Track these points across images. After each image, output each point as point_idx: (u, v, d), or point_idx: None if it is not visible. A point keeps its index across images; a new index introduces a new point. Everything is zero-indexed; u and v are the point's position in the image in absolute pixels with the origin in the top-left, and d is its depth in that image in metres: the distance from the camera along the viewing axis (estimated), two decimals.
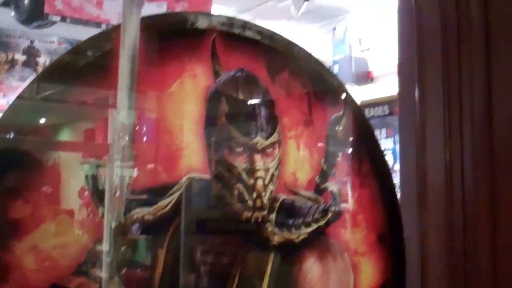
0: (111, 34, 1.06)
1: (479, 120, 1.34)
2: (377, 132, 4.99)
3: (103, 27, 4.15)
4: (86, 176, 1.03)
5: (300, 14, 5.38)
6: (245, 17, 5.58)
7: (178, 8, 4.50)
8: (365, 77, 5.52)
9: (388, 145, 4.86)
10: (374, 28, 5.45)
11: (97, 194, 1.02)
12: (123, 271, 0.98)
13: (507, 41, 1.33)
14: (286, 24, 5.91)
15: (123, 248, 0.98)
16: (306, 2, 5.17)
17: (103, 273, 0.96)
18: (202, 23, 1.15)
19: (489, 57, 1.34)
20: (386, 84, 4.75)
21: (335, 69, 5.71)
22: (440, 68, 1.40)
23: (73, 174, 1.03)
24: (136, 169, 1.06)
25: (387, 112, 4.99)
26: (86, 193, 1.02)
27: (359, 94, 4.86)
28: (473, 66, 1.36)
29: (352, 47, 5.81)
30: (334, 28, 6.06)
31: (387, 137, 5.04)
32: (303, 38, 6.01)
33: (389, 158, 4.42)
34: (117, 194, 1.01)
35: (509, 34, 1.33)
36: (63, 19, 4.19)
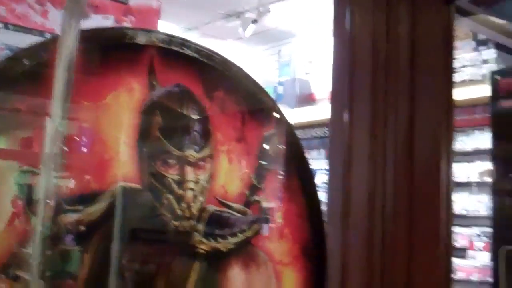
0: (49, 45, 1.08)
1: (402, 147, 1.43)
2: (316, 152, 5.12)
3: (47, 36, 4.07)
4: (20, 185, 1.05)
5: (248, 35, 5.49)
6: (193, 35, 5.62)
7: (126, 21, 4.49)
8: (308, 99, 5.68)
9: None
10: (318, 52, 5.63)
11: (30, 202, 1.04)
12: (48, 275, 0.99)
13: (429, 76, 1.44)
14: (234, 44, 6.00)
15: (49, 252, 0.99)
16: (253, 24, 5.29)
17: (27, 275, 0.97)
18: (141, 39, 1.19)
19: (413, 90, 1.44)
20: (327, 107, 4.88)
21: (280, 90, 5.84)
22: (369, 97, 1.49)
23: (6, 181, 1.03)
24: (68, 177, 1.08)
25: (327, 134, 5.12)
26: (19, 201, 1.03)
27: (301, 115, 4.99)
28: (398, 98, 1.45)
29: (297, 69, 5.96)
30: (280, 51, 6.21)
31: (326, 157, 5.15)
32: (250, 58, 6.13)
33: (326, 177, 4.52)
34: (48, 201, 1.02)
35: (431, 70, 1.44)
36: (6, 26, 4.07)
